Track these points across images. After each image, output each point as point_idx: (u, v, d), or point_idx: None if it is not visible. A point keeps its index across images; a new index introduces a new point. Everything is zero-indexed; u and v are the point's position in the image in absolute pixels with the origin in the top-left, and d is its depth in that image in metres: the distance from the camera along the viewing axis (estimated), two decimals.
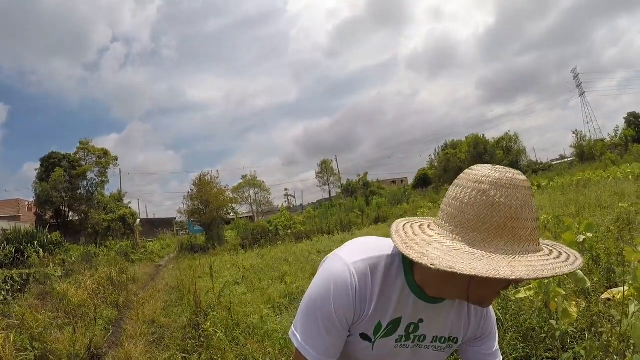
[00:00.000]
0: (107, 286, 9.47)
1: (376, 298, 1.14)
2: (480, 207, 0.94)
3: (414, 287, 1.15)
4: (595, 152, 42.89)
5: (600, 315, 3.42)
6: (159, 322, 6.67)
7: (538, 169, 48.34)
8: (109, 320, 7.16)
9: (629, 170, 20.05)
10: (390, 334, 1.19)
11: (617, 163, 31.93)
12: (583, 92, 61.04)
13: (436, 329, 1.23)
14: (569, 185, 20.91)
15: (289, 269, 9.83)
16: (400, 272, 1.16)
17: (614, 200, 10.40)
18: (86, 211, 29.82)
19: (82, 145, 32.05)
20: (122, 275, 11.23)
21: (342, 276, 1.13)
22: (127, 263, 15.82)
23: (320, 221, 24.57)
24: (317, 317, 1.14)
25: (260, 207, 52.49)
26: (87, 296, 7.73)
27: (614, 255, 4.62)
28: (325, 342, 1.15)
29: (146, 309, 7.42)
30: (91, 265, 13.02)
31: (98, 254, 17.65)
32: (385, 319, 1.17)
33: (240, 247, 21.16)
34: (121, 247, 21.40)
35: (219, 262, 13.80)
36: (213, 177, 27.47)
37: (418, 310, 1.18)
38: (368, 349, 1.21)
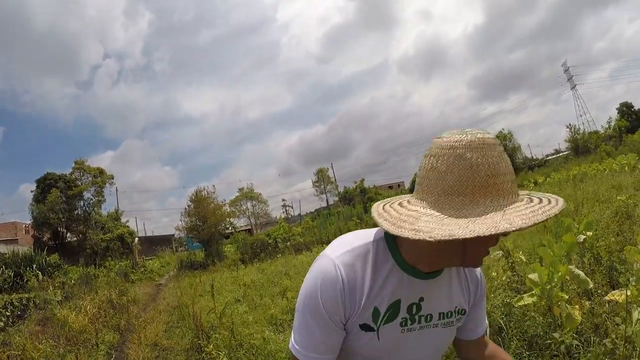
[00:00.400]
0: (108, 309, 9.38)
1: (367, 285, 1.12)
2: (460, 171, 0.94)
3: (405, 267, 1.14)
4: (590, 145, 42.81)
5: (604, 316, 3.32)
6: (161, 345, 6.60)
7: (534, 165, 48.36)
8: (111, 345, 7.05)
9: (624, 162, 20.09)
10: (393, 319, 1.16)
11: (612, 155, 31.85)
12: (574, 85, 61.19)
13: (440, 304, 1.22)
14: (566, 180, 20.91)
15: (289, 283, 9.74)
16: (388, 254, 1.15)
17: (612, 193, 10.45)
18: (84, 231, 29.63)
19: (78, 165, 31.96)
20: (123, 298, 11.14)
21: (328, 271, 1.12)
22: (126, 284, 15.74)
23: (319, 231, 24.54)
24: (306, 315, 1.14)
25: (258, 220, 52.35)
26: (87, 321, 7.67)
27: (615, 253, 4.49)
28: (316, 339, 1.13)
29: (148, 331, 7.33)
30: (91, 288, 12.94)
31: (97, 275, 17.55)
32: (382, 304, 1.14)
33: (240, 261, 21.06)
34: (120, 267, 21.31)
35: (219, 279, 13.71)
36: (209, 192, 27.45)
37: (415, 289, 1.16)
38: (373, 340, 1.16)
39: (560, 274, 2.81)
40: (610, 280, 4.13)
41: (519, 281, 4.59)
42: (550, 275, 2.86)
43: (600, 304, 3.49)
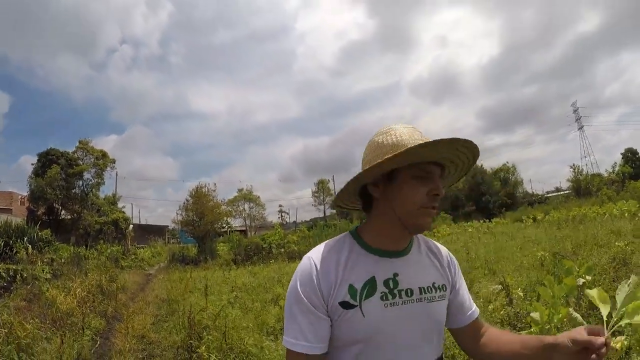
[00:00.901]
0: (97, 294, 9.27)
1: (340, 266, 1.22)
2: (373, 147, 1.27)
3: (370, 249, 1.27)
4: (592, 187, 42.88)
5: None
6: (148, 338, 6.49)
7: (534, 201, 48.55)
8: (97, 331, 6.95)
9: (625, 208, 20.02)
10: (372, 293, 1.21)
11: (613, 199, 31.87)
12: (582, 126, 61.52)
13: (416, 279, 1.28)
14: (565, 220, 20.90)
15: (282, 291, 9.63)
16: (353, 241, 1.29)
17: (611, 238, 10.40)
18: (79, 211, 29.48)
19: (82, 145, 31.88)
20: (112, 284, 11.03)
21: (304, 265, 1.24)
22: (116, 269, 15.56)
23: (315, 241, 24.39)
24: (291, 308, 1.21)
25: (253, 222, 52.27)
26: (75, 304, 7.56)
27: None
28: (303, 328, 1.18)
29: (135, 322, 7.23)
30: (80, 269, 12.83)
31: (88, 257, 17.45)
32: (357, 281, 1.20)
33: (233, 262, 20.97)
34: (112, 251, 21.19)
35: (211, 277, 13.58)
36: (210, 190, 27.31)
37: (386, 266, 1.25)
38: (359, 316, 1.19)
39: (561, 315, 2.82)
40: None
41: (515, 317, 4.56)
42: (551, 316, 2.86)
43: None
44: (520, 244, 13.12)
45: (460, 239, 18.96)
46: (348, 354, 1.22)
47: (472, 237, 19.00)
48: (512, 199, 48.74)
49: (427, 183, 1.21)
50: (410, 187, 1.20)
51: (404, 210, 1.21)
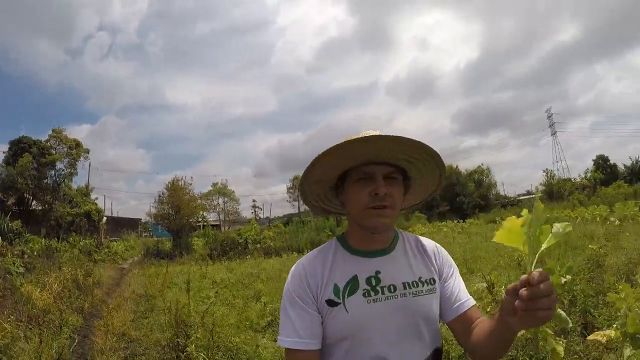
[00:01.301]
0: (73, 289, 9.03)
1: (327, 269, 1.30)
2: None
3: (353, 250, 1.35)
4: (564, 192, 44.01)
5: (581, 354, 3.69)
6: (129, 336, 6.36)
7: (507, 203, 49.46)
8: (74, 328, 6.78)
9: (596, 212, 20.55)
10: (355, 291, 1.26)
11: (584, 204, 32.78)
12: (555, 132, 62.99)
13: (400, 275, 1.32)
14: None
15: (262, 287, 9.62)
16: (338, 245, 1.38)
17: (584, 241, 10.73)
18: (51, 202, 28.59)
19: (55, 134, 30.84)
20: (88, 279, 10.80)
21: (295, 268, 1.35)
22: (90, 263, 15.23)
23: (291, 238, 24.38)
24: (285, 308, 1.29)
25: (227, 217, 51.90)
26: (52, 300, 7.37)
27: (590, 298, 4.86)
28: (296, 325, 1.24)
29: (115, 319, 7.09)
30: (53, 262, 12.53)
31: (60, 250, 17.05)
32: (341, 281, 1.28)
33: (208, 257, 20.79)
34: (85, 244, 20.74)
35: (187, 272, 13.41)
36: (186, 183, 26.85)
37: (369, 265, 1.31)
38: (343, 313, 1.25)
39: None
40: (584, 322, 4.46)
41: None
42: None
43: (576, 343, 3.87)
44: (494, 245, 13.29)
45: (434, 238, 18.93)
46: (338, 351, 1.26)
47: (446, 237, 19.26)
48: (485, 201, 49.52)
49: (369, 184, 1.27)
50: (354, 190, 1.29)
51: (354, 213, 1.32)
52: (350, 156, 1.26)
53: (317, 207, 1.55)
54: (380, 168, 1.28)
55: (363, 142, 1.21)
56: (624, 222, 14.69)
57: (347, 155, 1.25)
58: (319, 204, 1.53)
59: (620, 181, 41.12)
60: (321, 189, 1.44)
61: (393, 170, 1.30)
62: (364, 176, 1.28)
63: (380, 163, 1.28)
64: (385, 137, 1.20)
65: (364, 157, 1.26)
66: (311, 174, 1.32)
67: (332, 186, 1.42)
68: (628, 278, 5.60)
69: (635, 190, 35.67)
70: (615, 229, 12.82)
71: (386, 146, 1.23)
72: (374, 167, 1.28)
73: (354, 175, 1.30)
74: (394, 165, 1.30)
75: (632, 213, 16.66)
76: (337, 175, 1.36)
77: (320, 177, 1.35)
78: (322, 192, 1.46)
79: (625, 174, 48.25)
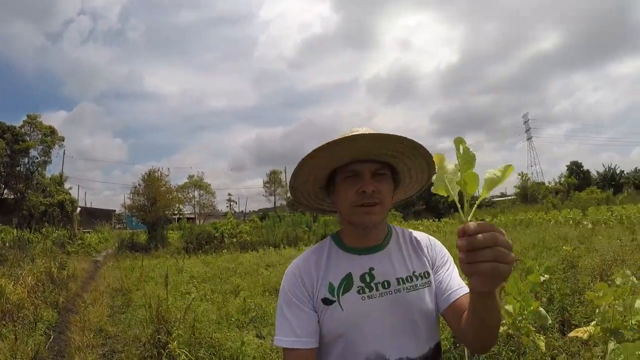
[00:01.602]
0: (47, 283, 8.85)
1: (320, 266, 1.33)
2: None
3: (347, 248, 1.36)
4: (538, 195, 45.11)
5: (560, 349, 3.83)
6: (106, 332, 6.26)
7: (482, 204, 50.32)
8: (49, 324, 6.64)
9: (570, 216, 21.05)
10: (349, 289, 1.28)
11: (558, 207, 33.66)
12: (531, 137, 64.52)
13: (393, 271, 1.33)
14: (512, 223, 21.82)
15: (241, 282, 9.57)
16: (332, 243, 1.40)
17: (558, 243, 10.95)
18: (23, 191, 27.90)
19: (30, 120, 30.00)
20: (62, 272, 10.59)
21: (289, 268, 1.37)
22: (64, 255, 14.91)
23: (267, 233, 24.28)
24: (281, 308, 1.29)
25: (203, 210, 51.56)
26: (26, 295, 7.20)
27: (566, 296, 5.02)
28: (292, 324, 1.25)
29: (91, 314, 6.96)
30: (26, 254, 12.25)
31: (32, 241, 16.69)
32: (335, 279, 1.29)
33: (184, 250, 20.58)
34: (58, 236, 20.30)
35: (162, 266, 13.26)
36: (163, 175, 26.37)
37: (362, 262, 1.32)
38: (338, 311, 1.26)
39: (532, 308, 3.09)
40: (562, 320, 4.64)
41: None
42: (522, 308, 3.11)
43: (555, 339, 4.00)
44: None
45: None
46: (335, 348, 1.27)
47: None
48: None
49: (356, 182, 1.28)
50: (342, 188, 1.31)
51: (344, 211, 1.33)
52: (337, 156, 1.27)
53: (310, 207, 1.56)
54: (368, 165, 1.29)
55: (348, 141, 1.21)
56: (597, 226, 15.07)
57: (332, 155, 1.26)
58: (311, 203, 1.54)
59: (593, 187, 42.32)
60: (311, 188, 1.44)
61: (380, 167, 1.31)
62: (351, 174, 1.29)
63: (366, 160, 1.29)
64: (364, 136, 1.20)
65: (350, 156, 1.28)
66: (299, 176, 1.33)
67: (322, 186, 1.43)
68: (602, 278, 5.75)
69: (608, 196, 36.85)
70: (588, 232, 13.14)
71: (370, 144, 1.23)
72: (361, 165, 1.29)
73: (341, 174, 1.31)
74: (381, 161, 1.31)
75: (605, 217, 17.07)
76: (326, 175, 1.37)
77: (309, 177, 1.36)
78: (312, 192, 1.47)
79: (598, 180, 49.78)
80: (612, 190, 42.34)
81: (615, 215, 17.57)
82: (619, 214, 17.51)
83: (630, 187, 45.85)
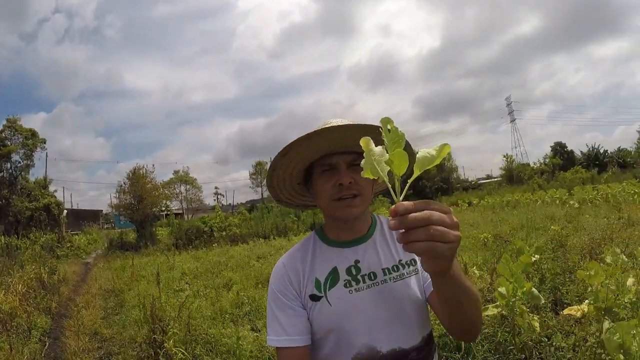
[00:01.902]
0: (38, 289, 8.76)
1: (307, 263, 1.32)
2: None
3: (331, 242, 1.36)
4: (524, 176, 45.60)
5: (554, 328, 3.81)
6: (101, 334, 6.24)
7: (468, 187, 50.89)
8: (44, 331, 6.58)
9: (556, 195, 21.30)
10: (335, 283, 1.27)
11: (543, 187, 34.05)
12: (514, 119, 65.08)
13: (379, 262, 1.31)
14: (500, 205, 22.04)
15: (233, 275, 9.57)
16: (317, 238, 1.40)
17: (546, 222, 11.11)
18: (7, 197, 27.39)
19: (9, 123, 29.32)
20: (53, 277, 10.50)
21: (276, 266, 1.36)
22: (53, 259, 14.78)
23: (257, 224, 24.26)
24: (271, 307, 1.29)
25: (190, 205, 51.30)
26: (18, 303, 7.12)
27: (557, 275, 5.06)
28: (283, 324, 1.24)
29: (85, 317, 6.92)
30: (14, 261, 12.11)
31: (20, 247, 16.51)
32: (321, 274, 1.29)
33: (174, 247, 20.52)
34: (46, 240, 20.08)
35: (153, 264, 13.20)
36: (148, 172, 26.16)
37: (347, 255, 1.32)
38: (326, 306, 1.26)
39: (525, 289, 3.14)
40: (554, 299, 4.68)
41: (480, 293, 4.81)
42: (515, 290, 3.15)
43: (549, 318, 3.99)
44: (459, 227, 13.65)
45: None
46: (326, 344, 1.27)
47: None
48: (447, 184, 50.78)
49: (333, 175, 1.27)
50: (320, 182, 1.30)
51: (324, 206, 1.31)
52: (310, 151, 1.26)
53: (292, 204, 1.55)
54: (343, 157, 1.28)
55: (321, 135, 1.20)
56: (583, 205, 15.30)
57: (306, 150, 1.26)
58: (293, 201, 1.53)
59: (577, 167, 42.77)
60: (290, 186, 1.44)
61: (356, 157, 1.28)
62: (327, 168, 1.29)
63: (342, 152, 1.28)
64: (337, 127, 1.18)
65: (323, 150, 1.27)
66: (274, 175, 1.34)
67: (300, 182, 1.42)
68: (591, 256, 5.81)
69: (593, 175, 37.32)
70: (575, 211, 13.34)
71: (343, 135, 1.20)
72: (337, 157, 1.28)
73: (317, 168, 1.31)
74: (357, 152, 1.26)
75: (591, 197, 17.30)
76: (302, 171, 1.37)
77: (285, 175, 1.36)
78: (292, 189, 1.46)
79: (582, 159, 50.38)
80: (597, 169, 42.92)
81: (600, 194, 17.79)
82: (605, 193, 17.73)
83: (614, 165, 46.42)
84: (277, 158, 1.26)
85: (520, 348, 3.49)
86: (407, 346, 1.25)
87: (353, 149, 1.26)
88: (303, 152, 1.26)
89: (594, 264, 2.88)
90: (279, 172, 1.33)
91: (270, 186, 1.41)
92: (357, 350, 1.23)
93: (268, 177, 1.36)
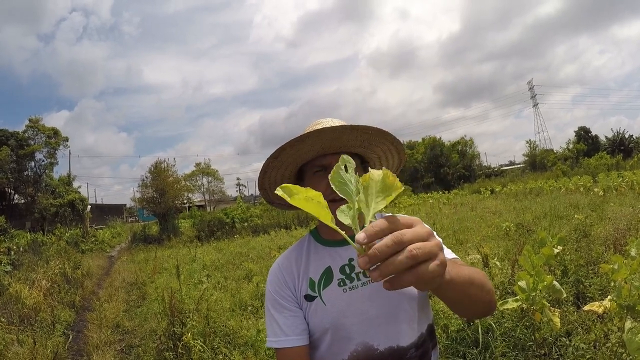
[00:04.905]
0: (62, 284, 8.94)
1: (302, 263, 1.32)
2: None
3: (324, 242, 1.36)
4: (547, 162, 44.77)
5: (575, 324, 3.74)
6: (123, 327, 6.34)
7: (490, 174, 50.18)
8: (67, 324, 6.71)
9: (580, 183, 20.85)
10: (329, 282, 1.27)
11: (567, 174, 33.37)
12: (537, 104, 63.86)
13: None
14: (522, 192, 21.68)
15: (254, 266, 9.58)
16: (311, 239, 1.40)
17: (569, 211, 10.84)
18: (33, 194, 27.99)
19: (32, 123, 30.03)
20: (77, 271, 10.69)
21: (271, 268, 1.37)
22: (78, 254, 15.06)
23: (278, 215, 24.36)
24: (268, 309, 1.30)
25: (212, 197, 51.73)
26: (42, 297, 7.27)
27: (580, 267, 4.93)
28: (281, 324, 1.25)
29: (107, 310, 7.03)
30: (40, 257, 12.35)
31: (46, 243, 16.84)
32: (315, 274, 1.29)
33: (196, 238, 20.72)
34: (71, 235, 20.47)
35: (176, 256, 13.36)
36: (169, 165, 26.45)
37: (340, 254, 1.30)
38: (321, 306, 1.26)
39: (546, 283, 3.05)
40: (577, 292, 4.53)
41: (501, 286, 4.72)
42: (535, 283, 3.07)
43: (570, 313, 3.91)
44: (481, 215, 13.51)
45: (421, 210, 19.34)
46: (323, 343, 1.26)
47: (433, 208, 19.35)
48: (469, 171, 50.07)
49: (325, 176, 1.23)
50: (312, 183, 1.28)
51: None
52: (302, 152, 1.25)
53: (285, 205, 1.49)
54: (336, 158, 1.22)
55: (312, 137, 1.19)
56: (608, 193, 14.88)
57: (298, 152, 1.25)
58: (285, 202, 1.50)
59: (602, 152, 41.78)
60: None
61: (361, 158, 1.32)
62: (319, 169, 1.29)
63: (334, 153, 1.27)
64: (328, 129, 1.17)
65: (316, 151, 1.26)
66: (266, 177, 1.33)
67: (292, 183, 1.36)
68: (615, 248, 5.63)
69: (617, 162, 36.20)
70: (599, 199, 13.01)
71: (335, 135, 1.21)
72: (330, 158, 1.27)
73: (310, 169, 1.31)
74: (349, 152, 1.27)
75: (615, 184, 16.89)
76: (294, 172, 1.37)
77: (276, 177, 1.35)
78: None
79: (607, 145, 49.18)
80: (622, 155, 41.79)
81: (626, 181, 17.32)
82: (630, 180, 17.26)
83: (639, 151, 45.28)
84: (268, 160, 1.25)
85: (539, 344, 3.42)
86: (405, 343, 1.23)
87: (345, 150, 1.27)
88: (295, 153, 1.25)
89: (618, 257, 2.78)
90: (271, 173, 1.32)
91: (261, 188, 1.39)
92: (354, 348, 1.22)
93: (259, 180, 1.34)
